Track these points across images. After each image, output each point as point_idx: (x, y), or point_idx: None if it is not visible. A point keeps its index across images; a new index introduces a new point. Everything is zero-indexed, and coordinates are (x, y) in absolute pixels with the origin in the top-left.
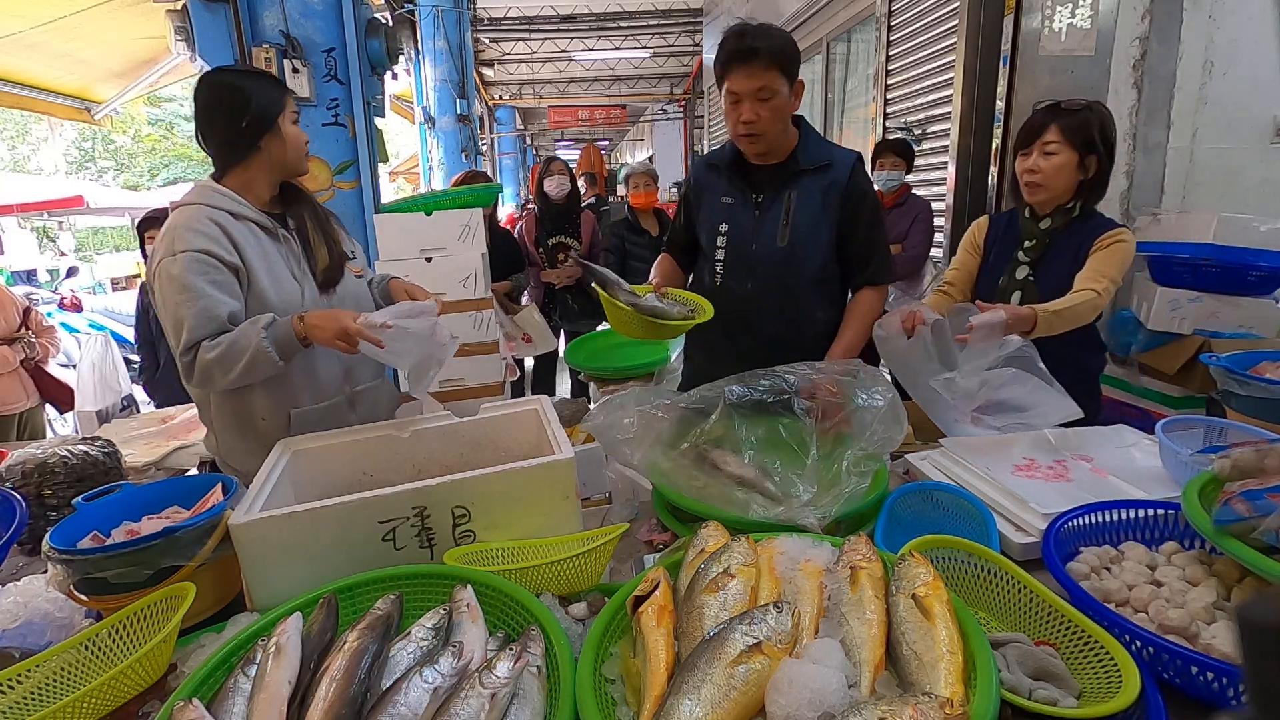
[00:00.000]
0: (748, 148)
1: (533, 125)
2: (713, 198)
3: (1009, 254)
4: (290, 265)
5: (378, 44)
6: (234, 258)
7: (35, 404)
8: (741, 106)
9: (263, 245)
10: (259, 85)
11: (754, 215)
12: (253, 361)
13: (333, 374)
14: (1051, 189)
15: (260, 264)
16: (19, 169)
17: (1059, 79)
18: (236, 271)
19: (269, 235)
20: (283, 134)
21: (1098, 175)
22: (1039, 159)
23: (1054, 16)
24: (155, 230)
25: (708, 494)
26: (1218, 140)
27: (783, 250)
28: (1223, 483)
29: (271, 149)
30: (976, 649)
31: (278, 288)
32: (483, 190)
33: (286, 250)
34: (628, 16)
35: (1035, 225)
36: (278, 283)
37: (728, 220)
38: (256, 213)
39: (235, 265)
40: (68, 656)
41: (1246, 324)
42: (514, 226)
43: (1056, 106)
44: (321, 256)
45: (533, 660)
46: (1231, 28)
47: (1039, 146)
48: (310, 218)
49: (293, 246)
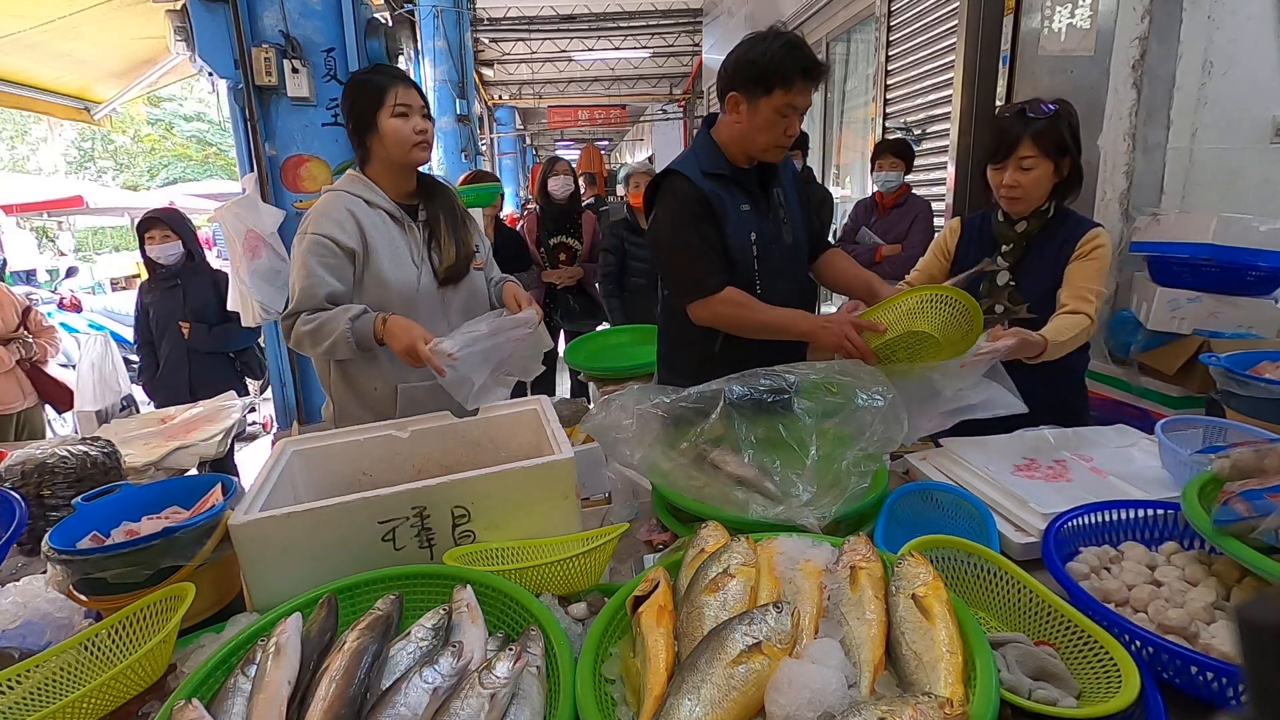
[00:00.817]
0: (775, 158)
1: (532, 125)
2: (733, 207)
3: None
4: (412, 252)
5: (377, 44)
6: (353, 242)
7: (33, 404)
8: (792, 119)
9: (390, 232)
10: (363, 86)
11: (769, 218)
12: (335, 344)
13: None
14: (1030, 200)
15: (384, 248)
16: (18, 169)
17: (1058, 79)
18: (354, 255)
19: (397, 223)
20: (380, 130)
21: (1072, 173)
22: (1016, 174)
23: (1054, 16)
24: (154, 230)
25: (707, 494)
26: (1217, 140)
27: (791, 247)
28: (1222, 483)
29: (376, 145)
30: (976, 649)
31: (396, 270)
32: (484, 190)
33: (412, 239)
34: (628, 16)
35: (1011, 229)
36: (398, 266)
37: (754, 228)
38: (389, 202)
39: (352, 249)
40: (67, 657)
41: (1246, 324)
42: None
43: (1023, 115)
44: (448, 254)
45: (533, 660)
46: (1231, 28)
47: (1014, 162)
48: (445, 215)
49: (418, 236)
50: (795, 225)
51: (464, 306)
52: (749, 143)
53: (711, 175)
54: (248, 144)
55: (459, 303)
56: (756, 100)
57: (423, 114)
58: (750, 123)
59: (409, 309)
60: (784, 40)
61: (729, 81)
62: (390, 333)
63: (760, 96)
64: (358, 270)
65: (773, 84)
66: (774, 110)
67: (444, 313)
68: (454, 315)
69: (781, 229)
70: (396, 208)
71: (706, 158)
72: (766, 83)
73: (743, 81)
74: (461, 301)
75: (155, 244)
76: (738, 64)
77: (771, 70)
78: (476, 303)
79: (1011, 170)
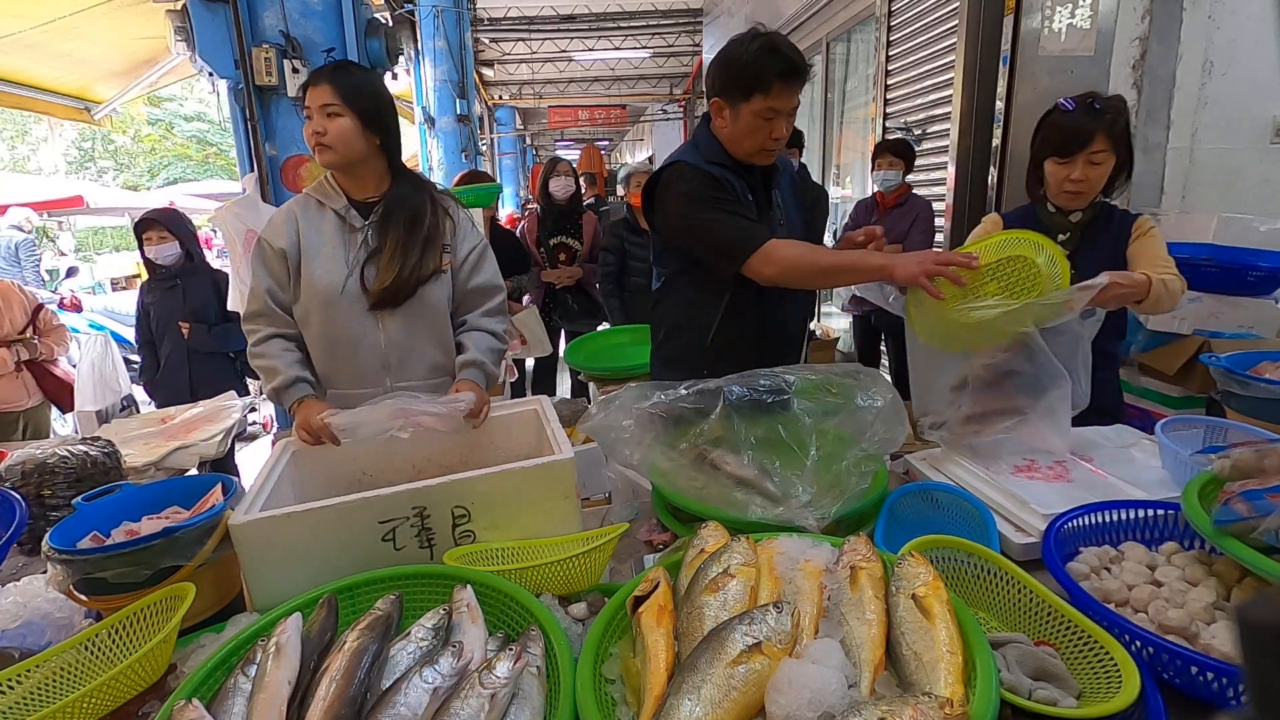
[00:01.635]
0: (763, 161)
1: (533, 125)
2: (741, 193)
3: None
4: (348, 256)
5: (378, 44)
6: (284, 243)
7: (38, 403)
8: (776, 123)
9: (330, 233)
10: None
11: (767, 215)
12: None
13: (372, 366)
14: (1092, 195)
15: (318, 249)
16: (19, 169)
17: (1058, 79)
18: (284, 255)
19: (341, 225)
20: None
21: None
22: (1086, 169)
23: (1054, 17)
24: (150, 231)
25: (707, 494)
26: (1217, 140)
27: None
28: (1223, 483)
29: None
30: (976, 649)
31: (323, 273)
32: (483, 190)
33: (353, 243)
34: (628, 16)
35: (1065, 219)
36: (326, 268)
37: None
38: (342, 203)
39: (282, 250)
40: (67, 657)
41: (1246, 324)
42: (514, 226)
43: (1093, 109)
44: (385, 275)
45: (533, 660)
46: (1231, 28)
47: (1085, 156)
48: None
49: (361, 240)
50: (792, 226)
51: (406, 323)
52: (736, 146)
53: (715, 164)
54: (248, 144)
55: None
56: (738, 106)
57: (328, 113)
58: (734, 127)
59: (329, 312)
60: (761, 43)
61: (711, 86)
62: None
63: (741, 102)
64: (291, 270)
65: (751, 89)
66: (755, 115)
67: (378, 323)
68: (392, 328)
69: (777, 230)
70: (348, 209)
71: (708, 149)
72: (745, 88)
73: (723, 87)
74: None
75: (152, 245)
76: (717, 69)
77: (749, 75)
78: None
79: (1081, 165)
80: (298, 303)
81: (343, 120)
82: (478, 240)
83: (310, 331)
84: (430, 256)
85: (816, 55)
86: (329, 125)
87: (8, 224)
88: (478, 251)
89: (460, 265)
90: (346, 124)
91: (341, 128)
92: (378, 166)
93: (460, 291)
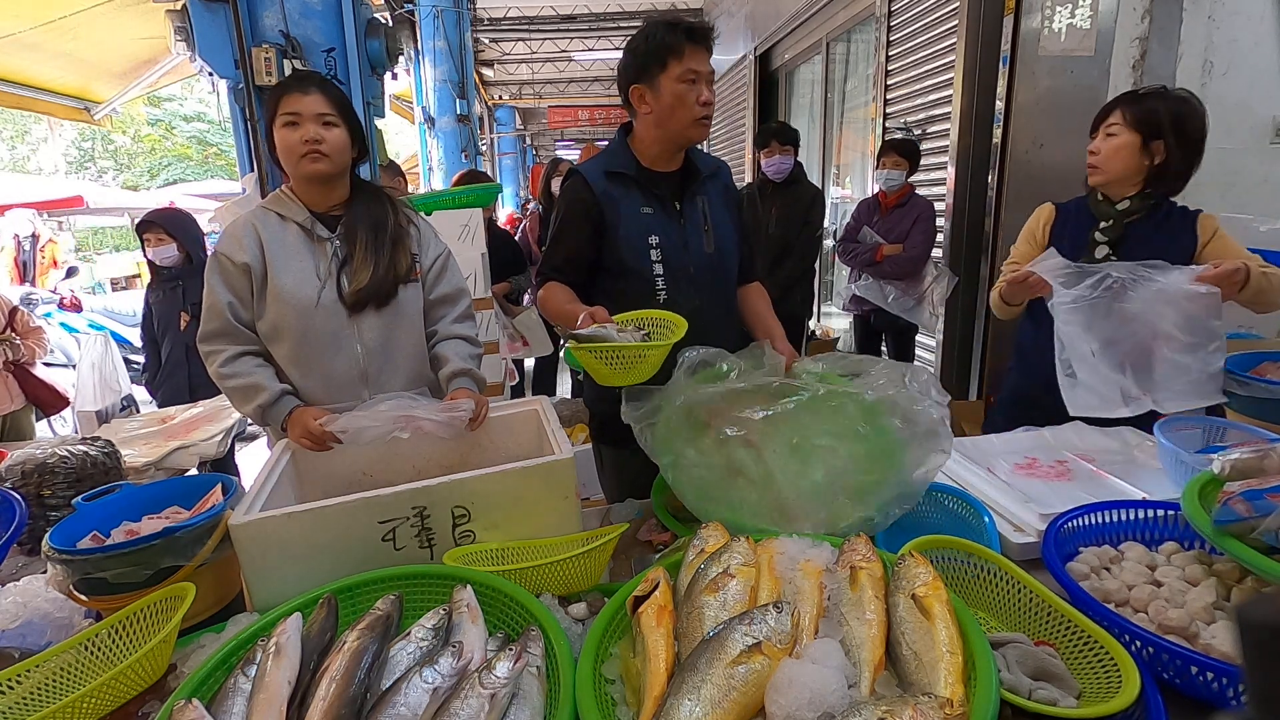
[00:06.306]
0: (699, 134)
1: (533, 125)
2: (629, 208)
3: (1083, 237)
4: (318, 268)
5: (377, 44)
6: (247, 257)
7: (20, 406)
8: (701, 86)
9: (297, 246)
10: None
11: (679, 224)
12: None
13: (349, 378)
14: (1108, 170)
15: (285, 262)
16: (19, 169)
17: (1059, 79)
18: (248, 270)
19: (307, 237)
20: (275, 143)
21: (1167, 163)
22: (1100, 141)
23: (1054, 17)
24: (150, 233)
25: (716, 494)
26: (1218, 140)
27: (711, 256)
28: (1223, 483)
29: (279, 158)
30: (976, 649)
31: (295, 285)
32: (482, 190)
33: (321, 254)
34: (628, 16)
35: (1110, 207)
36: (297, 281)
37: (656, 232)
38: (304, 215)
39: (246, 264)
40: (67, 656)
41: (1246, 324)
42: (514, 227)
43: (1131, 93)
44: (360, 276)
45: (532, 660)
46: (1231, 28)
47: (1103, 129)
48: (365, 233)
49: (331, 251)
50: (723, 237)
51: (383, 331)
52: (668, 128)
53: (613, 174)
54: (248, 144)
55: (377, 326)
56: (657, 81)
57: (324, 122)
58: (660, 106)
59: (305, 324)
60: (658, 22)
61: (626, 79)
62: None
63: (658, 75)
64: (255, 285)
65: (665, 57)
66: (677, 81)
67: (356, 333)
68: (369, 338)
69: (702, 236)
70: (312, 221)
71: (613, 157)
72: (660, 58)
73: (637, 71)
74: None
75: (152, 246)
76: (628, 60)
77: (658, 46)
78: (403, 328)
79: (1099, 139)
80: (263, 319)
81: (338, 131)
82: (441, 249)
83: (281, 348)
84: (400, 255)
85: (816, 55)
86: (326, 135)
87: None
88: (442, 259)
89: (426, 273)
90: (341, 135)
91: (338, 138)
92: (347, 179)
93: (427, 300)
